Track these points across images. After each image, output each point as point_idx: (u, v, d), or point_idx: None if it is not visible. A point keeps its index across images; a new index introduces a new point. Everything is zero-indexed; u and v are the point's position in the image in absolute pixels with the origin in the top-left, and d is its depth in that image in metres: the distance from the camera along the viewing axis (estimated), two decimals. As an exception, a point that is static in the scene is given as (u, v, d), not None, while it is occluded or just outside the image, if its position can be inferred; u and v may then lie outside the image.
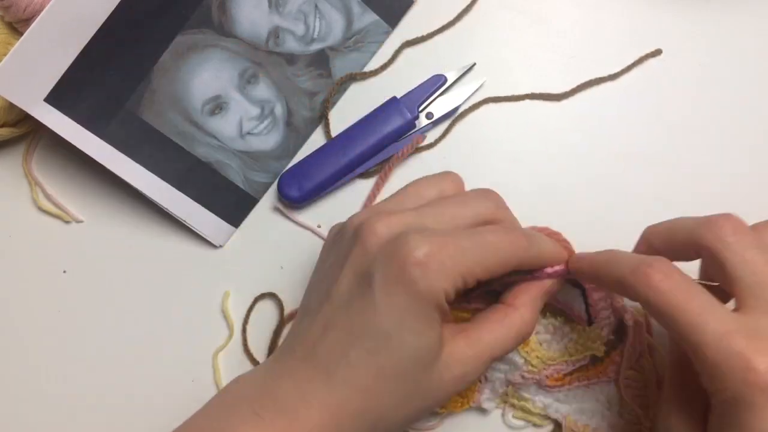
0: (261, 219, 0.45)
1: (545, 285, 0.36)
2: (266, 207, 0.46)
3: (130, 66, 0.43)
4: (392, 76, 0.46)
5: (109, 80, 0.42)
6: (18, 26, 0.44)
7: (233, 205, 0.45)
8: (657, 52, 0.46)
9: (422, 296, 0.31)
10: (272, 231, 0.45)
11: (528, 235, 0.35)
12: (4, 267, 0.45)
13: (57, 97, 0.41)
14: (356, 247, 0.33)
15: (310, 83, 0.46)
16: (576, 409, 0.41)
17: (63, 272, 0.45)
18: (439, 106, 0.45)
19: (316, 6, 0.45)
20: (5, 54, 0.39)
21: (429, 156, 0.45)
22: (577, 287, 0.39)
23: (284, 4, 0.45)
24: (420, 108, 0.45)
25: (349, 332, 0.32)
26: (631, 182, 0.45)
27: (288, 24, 0.45)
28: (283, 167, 0.45)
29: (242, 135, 0.45)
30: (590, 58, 0.46)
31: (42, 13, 0.39)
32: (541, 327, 0.40)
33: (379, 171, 0.45)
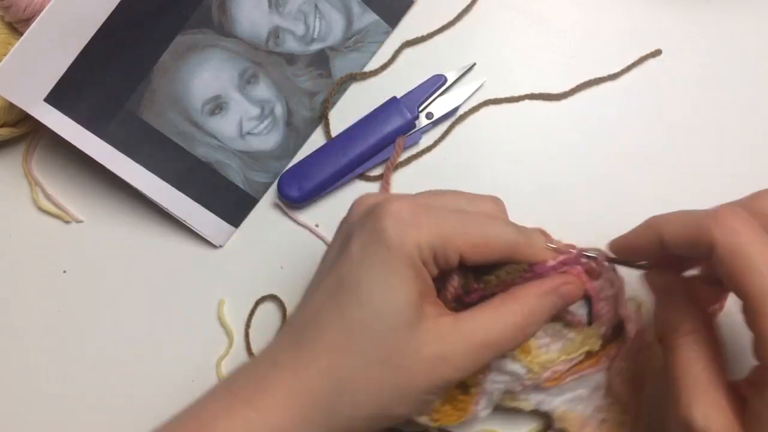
0: (261, 219, 0.45)
1: (553, 283, 0.33)
2: (266, 207, 0.46)
3: (130, 66, 0.43)
4: (392, 76, 0.46)
5: (109, 80, 0.42)
6: (18, 26, 0.44)
7: (233, 205, 0.45)
8: (657, 53, 0.46)
9: (393, 247, 0.30)
10: (272, 231, 0.45)
11: (519, 227, 0.33)
12: (4, 267, 0.45)
13: (57, 97, 0.41)
14: (348, 216, 0.35)
15: (310, 83, 0.46)
16: (566, 400, 0.41)
17: (63, 272, 0.45)
18: (439, 106, 0.45)
19: (316, 6, 0.45)
20: (5, 54, 0.39)
21: (429, 158, 0.45)
22: (583, 297, 0.37)
23: (284, 4, 0.45)
24: (420, 108, 0.45)
25: (324, 292, 0.32)
26: (631, 182, 0.45)
27: (288, 24, 0.45)
28: (283, 167, 0.45)
29: (242, 135, 0.45)
30: (590, 58, 0.46)
31: (42, 13, 0.39)
32: (540, 331, 0.40)
33: (380, 178, 0.45)
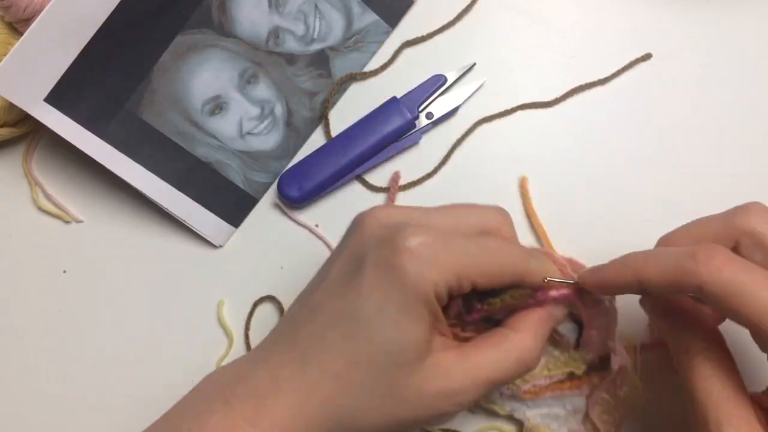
0: (261, 219, 0.45)
1: (550, 311, 0.34)
2: (266, 207, 0.45)
3: (130, 66, 0.43)
4: (392, 76, 0.46)
5: (109, 80, 0.42)
6: (18, 26, 0.44)
7: (233, 205, 0.45)
8: (646, 57, 0.45)
9: (409, 285, 0.29)
10: (272, 231, 0.45)
11: (530, 251, 0.34)
12: (4, 267, 0.45)
13: (57, 97, 0.41)
14: (356, 232, 0.33)
15: (310, 83, 0.46)
16: (542, 414, 0.41)
17: (63, 272, 0.45)
18: (439, 106, 0.45)
19: (316, 6, 0.45)
20: (5, 54, 0.39)
21: (430, 183, 0.45)
22: (575, 322, 0.38)
23: (284, 4, 0.45)
24: (420, 108, 0.45)
25: (331, 316, 0.31)
26: (631, 183, 0.45)
27: (288, 24, 0.45)
28: (283, 167, 0.45)
29: (242, 135, 0.45)
30: (590, 59, 0.46)
31: (42, 13, 0.39)
32: None
33: (381, 190, 0.45)
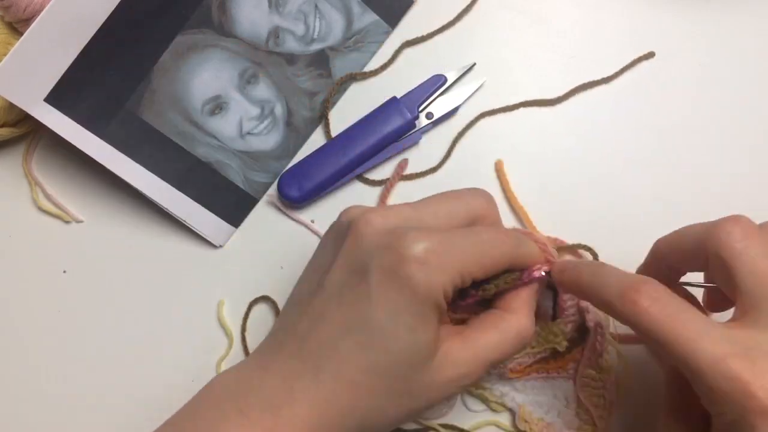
0: (261, 219, 0.45)
1: (534, 288, 0.35)
2: (266, 207, 0.45)
3: (130, 66, 0.43)
4: (392, 76, 0.46)
5: (109, 80, 0.42)
6: (18, 26, 0.44)
7: (233, 205, 0.45)
8: (650, 55, 0.46)
9: (420, 293, 0.30)
10: (272, 231, 0.45)
11: (516, 235, 0.35)
12: (4, 267, 0.45)
13: (57, 97, 0.41)
14: (350, 238, 0.33)
15: (310, 83, 0.46)
16: (532, 401, 0.41)
17: (63, 272, 0.45)
18: (439, 106, 0.45)
19: (316, 6, 0.45)
20: (5, 54, 0.39)
21: (430, 177, 0.45)
22: (550, 288, 0.39)
23: (284, 4, 0.45)
24: (420, 108, 0.45)
25: (341, 325, 0.31)
26: (631, 183, 0.45)
27: (288, 24, 0.45)
28: (283, 167, 0.45)
29: (242, 135, 0.45)
30: (590, 58, 0.46)
31: (42, 13, 0.39)
32: None
33: (380, 184, 0.45)
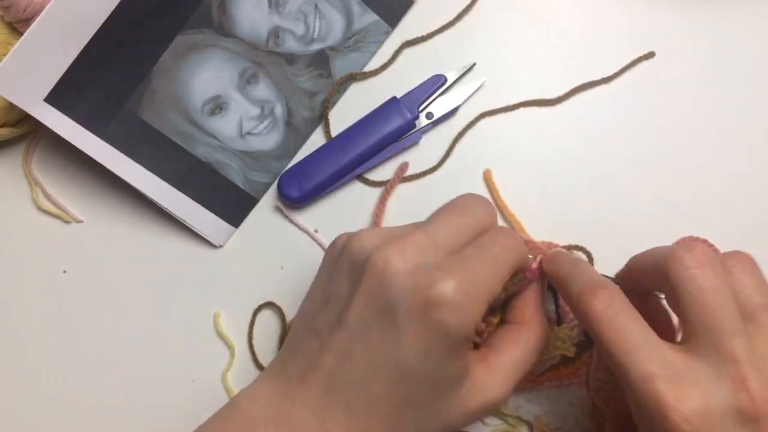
0: (261, 219, 0.45)
1: (538, 293, 0.36)
2: (266, 207, 0.45)
3: (130, 66, 0.43)
4: (392, 76, 0.46)
5: (109, 80, 0.42)
6: (18, 26, 0.44)
7: (233, 205, 0.45)
8: (650, 55, 0.46)
9: (453, 334, 0.31)
10: (272, 231, 0.45)
11: (515, 234, 0.35)
12: (4, 267, 0.45)
13: (57, 97, 0.41)
14: (370, 276, 0.32)
15: (310, 83, 0.46)
16: (548, 411, 0.41)
17: (63, 272, 0.45)
18: (439, 106, 0.45)
19: (316, 6, 0.45)
20: (5, 54, 0.39)
21: (430, 177, 0.45)
22: (550, 289, 0.39)
23: (284, 4, 0.45)
24: (420, 108, 0.45)
25: (370, 364, 0.32)
26: (631, 183, 0.45)
27: (288, 24, 0.45)
28: (283, 167, 0.45)
29: (242, 135, 0.45)
30: (590, 58, 0.46)
31: (42, 13, 0.39)
32: None
33: (380, 185, 0.45)
